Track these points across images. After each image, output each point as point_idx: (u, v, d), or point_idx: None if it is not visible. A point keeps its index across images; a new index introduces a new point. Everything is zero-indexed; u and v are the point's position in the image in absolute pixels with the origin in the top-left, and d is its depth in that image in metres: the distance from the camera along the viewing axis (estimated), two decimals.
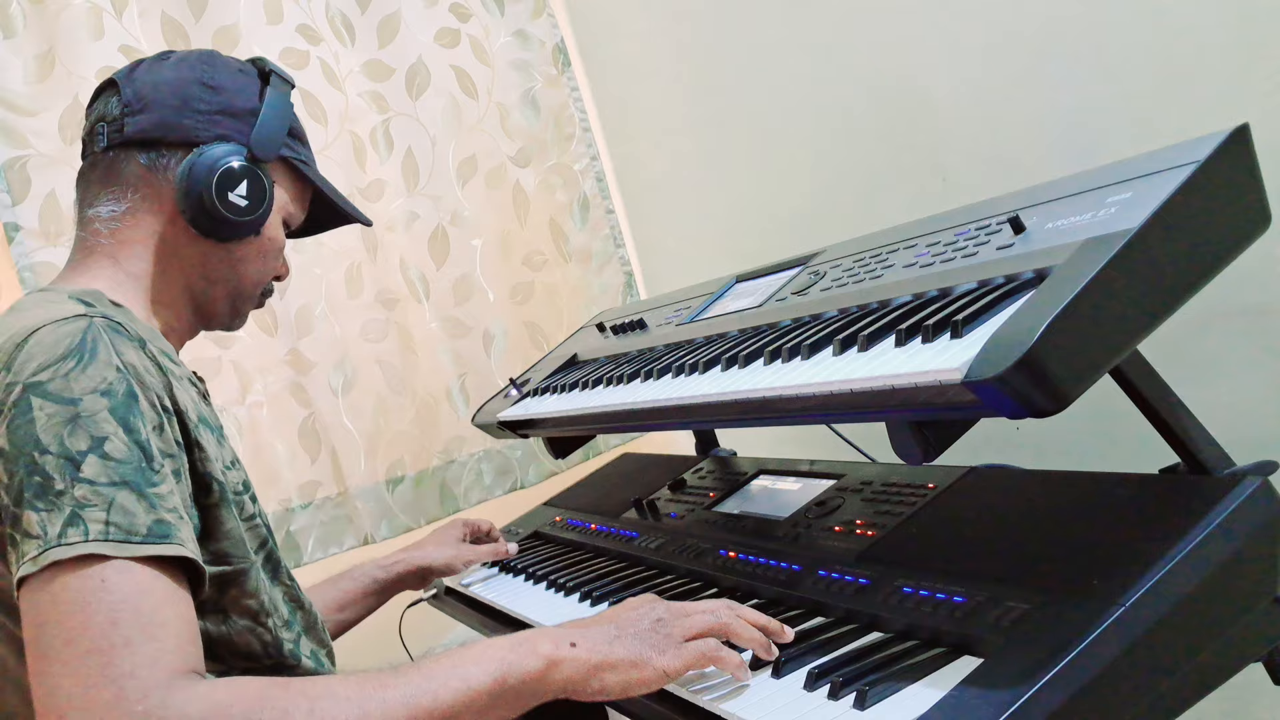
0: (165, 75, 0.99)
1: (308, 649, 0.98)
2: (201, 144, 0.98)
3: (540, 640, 0.80)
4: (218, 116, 0.99)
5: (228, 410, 1.70)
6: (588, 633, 0.82)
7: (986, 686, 0.69)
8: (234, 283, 1.04)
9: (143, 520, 0.75)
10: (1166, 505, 0.80)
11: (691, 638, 0.83)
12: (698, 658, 0.81)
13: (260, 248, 1.04)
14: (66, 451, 0.75)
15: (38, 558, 0.72)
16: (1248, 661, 0.78)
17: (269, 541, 0.97)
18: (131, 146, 0.98)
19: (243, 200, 0.98)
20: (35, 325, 0.81)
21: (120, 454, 0.76)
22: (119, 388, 0.79)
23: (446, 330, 1.92)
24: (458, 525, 1.47)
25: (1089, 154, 1.17)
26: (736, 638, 0.84)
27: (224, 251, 1.02)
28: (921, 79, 1.37)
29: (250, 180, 0.98)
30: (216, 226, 0.99)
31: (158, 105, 0.98)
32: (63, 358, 0.78)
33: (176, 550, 0.76)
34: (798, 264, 1.20)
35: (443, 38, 1.98)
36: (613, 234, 2.13)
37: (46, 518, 0.73)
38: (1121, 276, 0.69)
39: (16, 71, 1.59)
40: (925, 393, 0.73)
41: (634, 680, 0.80)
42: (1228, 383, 1.08)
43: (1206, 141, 0.75)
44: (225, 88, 1.00)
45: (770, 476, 1.32)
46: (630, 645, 0.81)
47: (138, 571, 0.73)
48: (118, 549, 0.73)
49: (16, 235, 1.58)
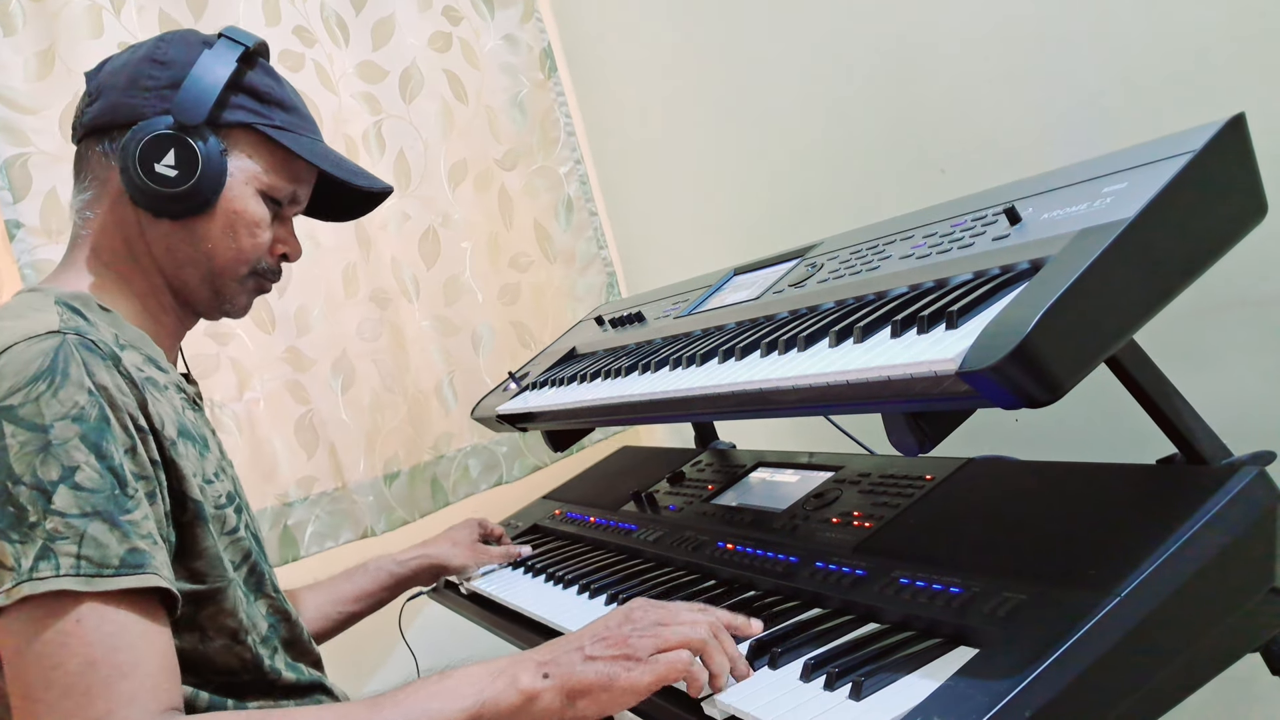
0: (121, 60, 0.97)
1: (288, 662, 0.97)
2: (144, 121, 0.93)
3: (519, 671, 0.80)
4: (165, 91, 0.94)
5: (226, 406, 1.72)
6: (560, 659, 0.81)
7: (982, 676, 0.69)
8: (204, 263, 0.98)
9: (115, 551, 0.75)
10: (1163, 496, 0.80)
11: (664, 650, 0.81)
12: (667, 670, 0.79)
13: (225, 223, 0.97)
14: (39, 482, 0.74)
15: (11, 590, 0.72)
16: (1245, 652, 0.78)
17: (253, 554, 0.96)
18: (90, 135, 0.96)
19: (170, 170, 0.91)
20: (6, 343, 0.80)
21: (92, 483, 0.76)
22: (91, 412, 0.78)
23: (437, 329, 1.95)
24: (473, 525, 1.47)
25: (1088, 146, 1.17)
26: (709, 660, 0.81)
27: (182, 230, 0.96)
28: (918, 72, 1.36)
29: (176, 147, 0.92)
30: (156, 202, 0.93)
31: (110, 90, 0.95)
32: (33, 379, 0.77)
33: (149, 581, 0.76)
34: (795, 256, 1.19)
35: (435, 41, 2.00)
36: (596, 236, 2.15)
37: (20, 550, 0.73)
38: (1117, 266, 0.69)
39: (17, 69, 1.61)
40: (921, 383, 0.73)
41: (605, 701, 0.79)
42: (1225, 373, 1.08)
43: (1203, 131, 0.74)
44: (175, 61, 0.95)
45: (768, 469, 1.32)
46: (600, 667, 0.80)
47: (112, 608, 0.74)
48: (89, 584, 0.73)
49: (18, 232, 1.60)
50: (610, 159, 2.18)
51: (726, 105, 1.76)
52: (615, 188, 2.19)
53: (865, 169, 1.49)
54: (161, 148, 0.92)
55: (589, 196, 2.16)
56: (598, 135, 2.18)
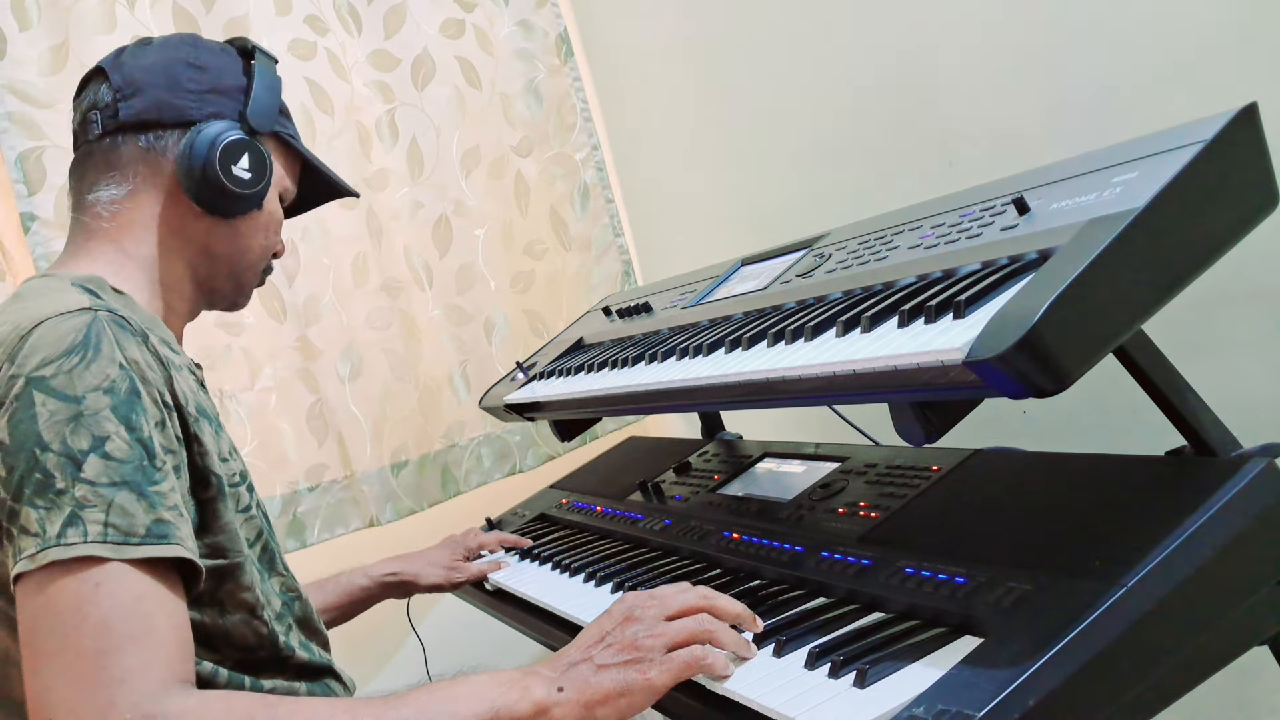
0: (152, 59, 1.00)
1: (301, 641, 0.98)
2: (197, 122, 0.99)
3: (532, 682, 0.79)
4: (208, 95, 1.00)
5: (237, 396, 1.72)
6: (572, 672, 0.80)
7: (986, 665, 0.69)
8: (237, 259, 1.05)
9: (141, 521, 0.75)
10: (1171, 487, 0.80)
11: (674, 646, 0.81)
12: (684, 668, 0.79)
13: (262, 222, 1.05)
14: (68, 450, 0.75)
15: (36, 555, 0.73)
16: (1252, 644, 0.78)
17: (264, 532, 0.97)
18: (128, 130, 0.98)
19: (246, 173, 0.99)
20: (40, 317, 0.81)
21: (122, 453, 0.77)
22: (122, 385, 0.79)
23: (449, 318, 1.95)
24: (455, 546, 1.44)
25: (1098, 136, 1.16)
26: (719, 644, 0.82)
27: (227, 227, 1.03)
28: (928, 62, 1.36)
29: (251, 153, 1.00)
30: (222, 201, 0.99)
31: (149, 88, 0.98)
32: (66, 353, 0.78)
33: (175, 551, 0.76)
34: (803, 247, 1.19)
35: (448, 29, 1.99)
36: (612, 223, 2.14)
37: (46, 516, 0.73)
38: (1125, 256, 0.69)
39: (32, 64, 1.62)
40: (927, 373, 0.73)
41: (624, 706, 0.79)
42: (1234, 365, 1.07)
43: (1214, 121, 0.74)
44: (211, 67, 1.02)
45: (775, 459, 1.32)
46: (614, 675, 0.79)
47: (134, 575, 0.74)
48: (116, 551, 0.73)
49: (33, 225, 1.62)
50: (626, 145, 2.16)
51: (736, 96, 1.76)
52: (632, 174, 2.17)
53: (876, 160, 1.49)
54: (238, 151, 0.99)
55: (605, 183, 2.14)
56: (615, 119, 2.17)
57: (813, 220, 1.27)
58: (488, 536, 1.45)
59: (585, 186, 2.11)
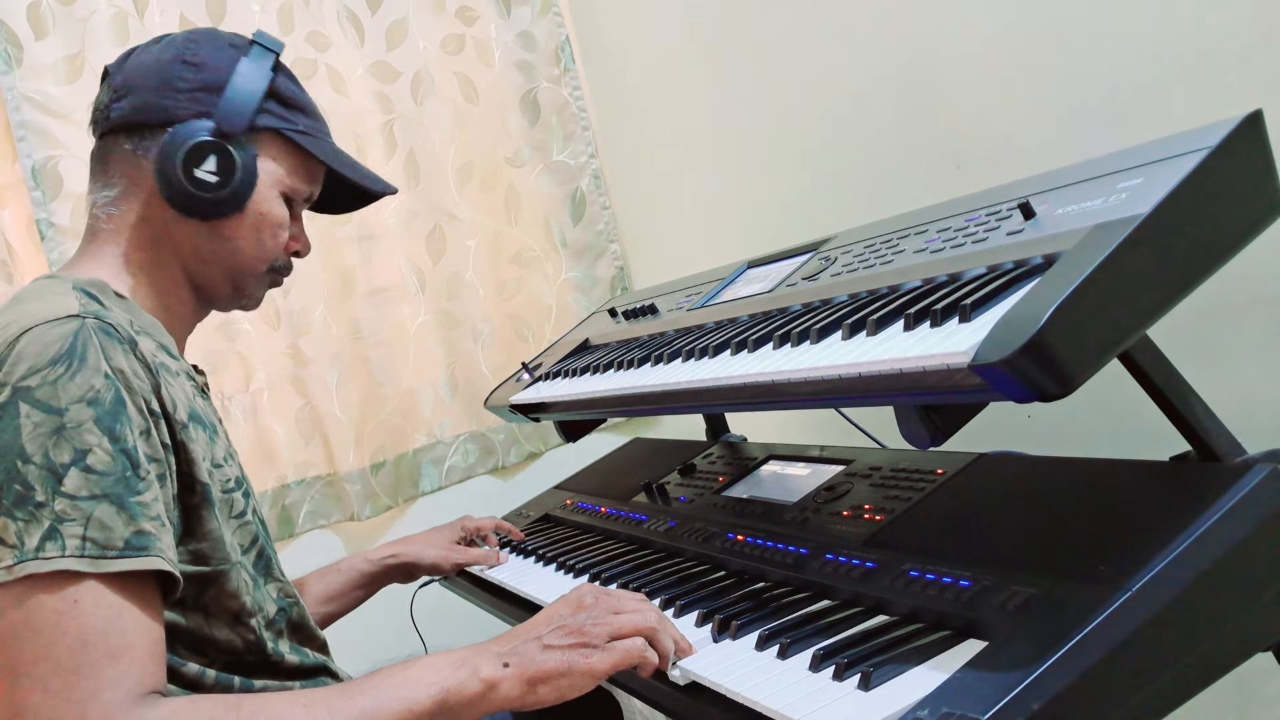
0: (149, 57, 0.99)
1: (292, 646, 0.99)
2: (179, 123, 0.96)
3: (481, 661, 0.82)
4: (199, 94, 0.97)
5: (234, 397, 1.82)
6: (519, 648, 0.84)
7: (991, 669, 0.69)
8: (228, 261, 1.01)
9: (120, 534, 0.76)
10: (1176, 492, 0.80)
11: (618, 636, 0.85)
12: (623, 657, 0.84)
13: (252, 224, 1.00)
14: (50, 463, 0.75)
15: (13, 568, 0.73)
16: (1255, 650, 0.78)
17: (260, 538, 0.97)
18: (118, 132, 0.98)
19: (211, 176, 0.95)
20: (27, 325, 0.81)
21: (104, 465, 0.77)
22: (107, 395, 0.79)
23: (438, 323, 2.01)
24: (455, 527, 1.48)
25: (1104, 142, 1.17)
26: (657, 644, 0.86)
27: (210, 230, 0.99)
28: (934, 67, 1.36)
29: (219, 155, 0.95)
30: (192, 204, 0.96)
31: (139, 89, 0.97)
32: (52, 362, 0.78)
33: (153, 564, 0.77)
34: (809, 250, 1.19)
35: (448, 45, 2.03)
36: (607, 229, 2.17)
37: (24, 528, 0.74)
38: (1131, 261, 0.69)
39: (48, 74, 1.66)
40: (932, 376, 0.73)
41: (564, 687, 0.83)
42: (1239, 370, 1.07)
43: (1220, 127, 0.74)
44: (207, 63, 0.98)
45: (780, 462, 1.32)
46: (559, 656, 0.83)
47: (109, 591, 0.75)
48: (93, 565, 0.74)
49: (49, 232, 1.66)
50: (626, 150, 2.17)
51: (741, 99, 1.76)
52: (627, 181, 2.19)
53: (879, 166, 1.49)
54: (203, 154, 0.95)
55: (601, 190, 2.17)
56: (613, 126, 2.18)
57: (817, 226, 1.27)
58: (484, 520, 1.49)
59: (581, 193, 2.14)
